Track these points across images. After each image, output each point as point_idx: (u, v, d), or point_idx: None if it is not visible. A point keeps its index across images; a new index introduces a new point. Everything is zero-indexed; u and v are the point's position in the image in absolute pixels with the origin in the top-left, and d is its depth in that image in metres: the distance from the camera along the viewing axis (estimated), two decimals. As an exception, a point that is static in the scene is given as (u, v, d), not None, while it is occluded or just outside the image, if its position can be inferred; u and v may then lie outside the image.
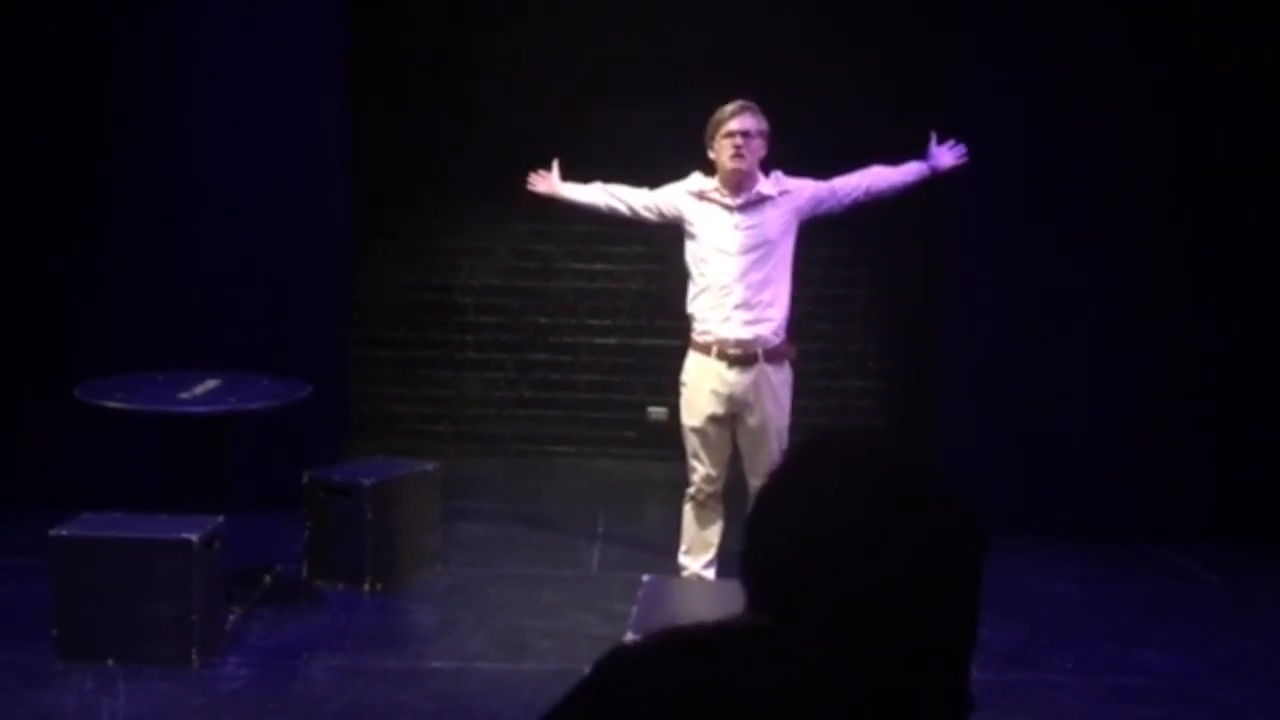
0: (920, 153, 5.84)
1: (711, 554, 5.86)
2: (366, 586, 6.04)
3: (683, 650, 1.26)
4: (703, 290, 5.67)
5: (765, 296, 5.61)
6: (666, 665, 1.25)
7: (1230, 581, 6.67)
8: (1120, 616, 6.13)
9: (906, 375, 8.34)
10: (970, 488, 1.39)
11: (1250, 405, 7.22)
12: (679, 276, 6.02)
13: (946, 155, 5.84)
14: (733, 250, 5.61)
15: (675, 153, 5.99)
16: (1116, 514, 7.17)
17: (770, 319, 5.63)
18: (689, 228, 5.72)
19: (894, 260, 8.27)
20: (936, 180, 5.91)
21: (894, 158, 5.87)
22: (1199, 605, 6.35)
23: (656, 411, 8.34)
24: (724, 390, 5.65)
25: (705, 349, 5.68)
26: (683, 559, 5.91)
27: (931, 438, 7.45)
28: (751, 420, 5.67)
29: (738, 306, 5.60)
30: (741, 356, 5.63)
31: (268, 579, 6.17)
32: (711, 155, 5.68)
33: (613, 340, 8.57)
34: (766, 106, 5.68)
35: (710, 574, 5.83)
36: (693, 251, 5.72)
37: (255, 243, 7.17)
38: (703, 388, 5.70)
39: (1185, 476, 7.22)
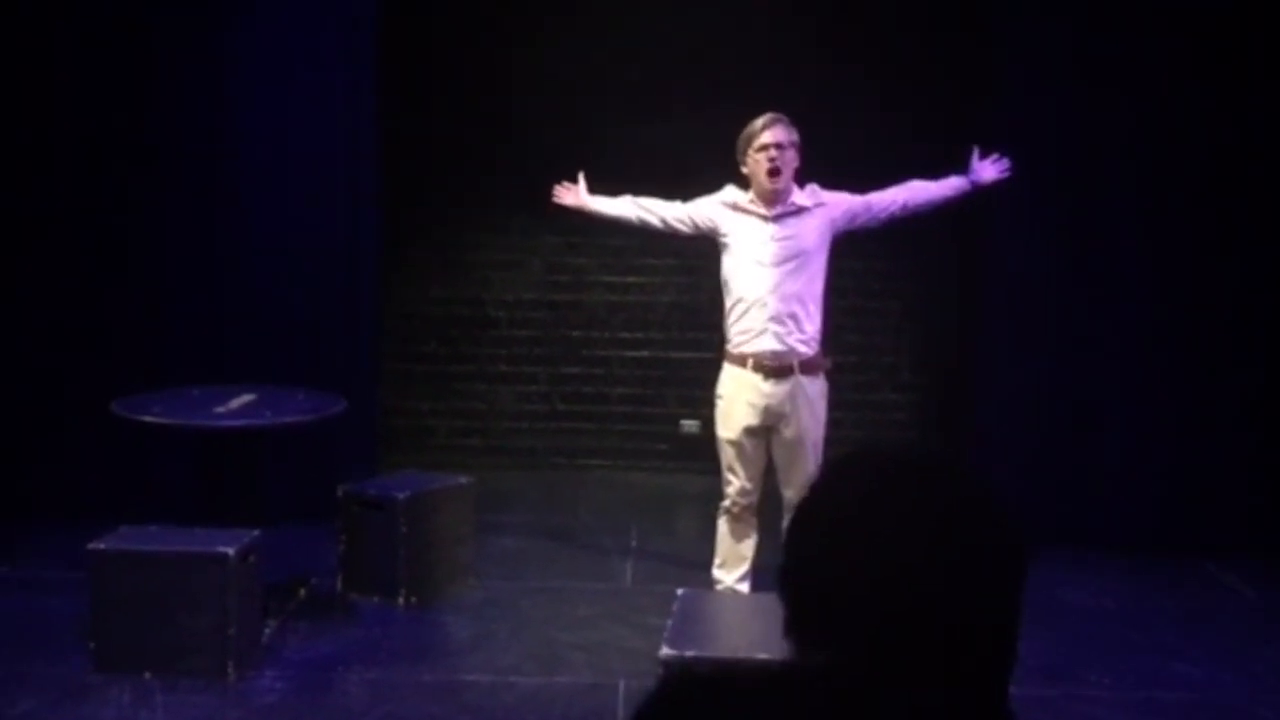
0: (961, 166, 5.79)
1: (745, 567, 5.83)
2: (401, 600, 6.06)
3: (737, 686, 1.25)
4: (738, 302, 5.66)
5: (800, 309, 5.59)
6: (724, 699, 1.24)
7: (1269, 595, 6.61)
8: (1158, 630, 6.08)
9: (941, 387, 8.31)
10: (1005, 500, 1.38)
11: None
12: (711, 289, 6.01)
13: (989, 169, 5.79)
14: (768, 261, 5.59)
15: (707, 165, 5.98)
16: (1153, 527, 7.12)
17: (805, 331, 5.62)
18: (723, 239, 5.71)
19: (927, 272, 8.25)
20: (976, 195, 5.88)
21: (925, 170, 5.84)
22: (1237, 619, 6.29)
23: (689, 424, 8.35)
24: (760, 402, 5.64)
25: (741, 361, 5.66)
26: (716, 572, 5.89)
27: (966, 450, 7.42)
28: (787, 432, 5.66)
29: (773, 318, 5.58)
30: (777, 368, 5.61)
31: (303, 592, 6.19)
32: (744, 170, 5.66)
33: (645, 353, 8.58)
34: (797, 119, 5.67)
35: (744, 588, 5.80)
36: (728, 264, 5.71)
37: (289, 257, 7.21)
38: (739, 400, 5.68)
39: (1223, 489, 7.16)
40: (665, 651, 4.23)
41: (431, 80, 8.26)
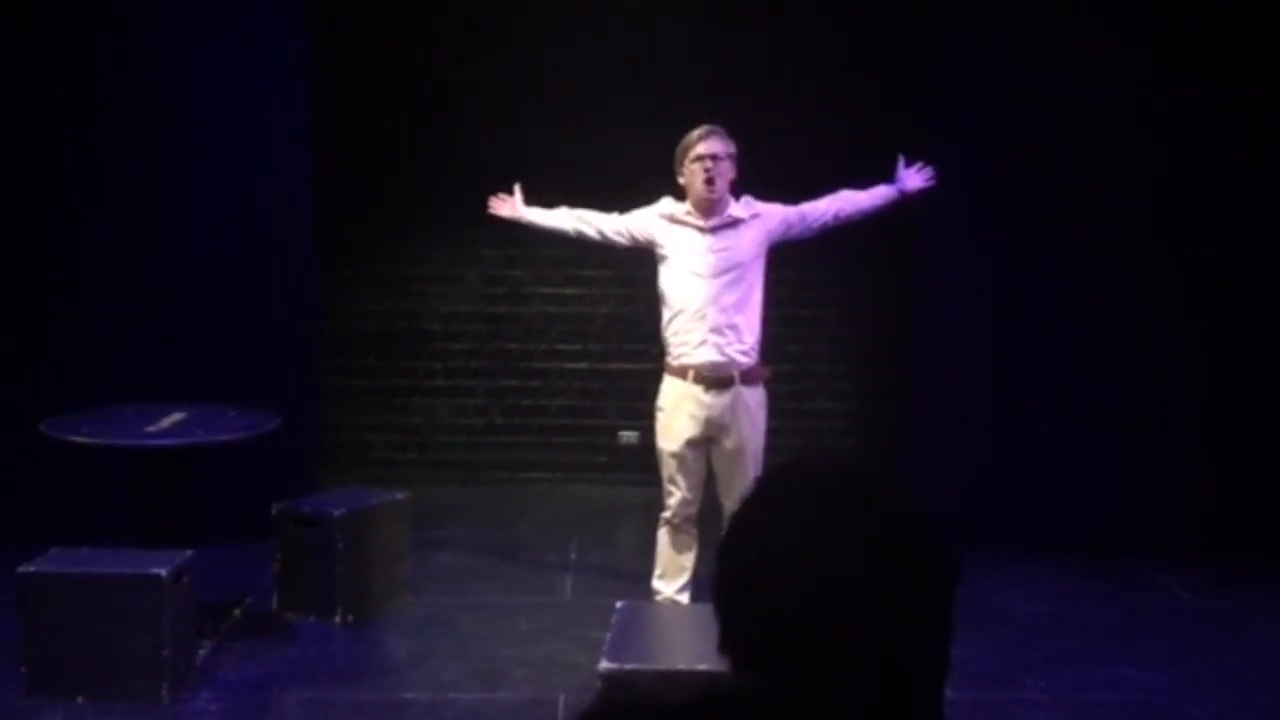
0: (888, 176, 5.87)
1: (685, 578, 5.84)
2: (338, 618, 6.00)
3: (671, 707, 1.24)
4: (677, 314, 5.67)
5: (739, 319, 5.62)
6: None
7: (1205, 597, 6.67)
8: (1093, 633, 6.13)
9: (877, 394, 8.35)
10: (942, 504, 1.39)
11: (1225, 421, 7.24)
12: (648, 300, 6.01)
13: (914, 178, 5.88)
14: (705, 273, 5.61)
15: (644, 177, 5.99)
16: (1089, 530, 7.19)
17: (745, 341, 5.65)
18: (661, 251, 5.72)
19: (862, 280, 8.29)
20: (904, 203, 5.95)
21: (861, 179, 5.90)
22: (1174, 621, 6.35)
23: (628, 435, 8.33)
24: (701, 414, 5.65)
25: (681, 373, 5.67)
26: (656, 583, 5.89)
27: (903, 456, 7.46)
28: (728, 443, 5.67)
29: (712, 330, 5.60)
30: (718, 380, 5.62)
31: (238, 612, 6.12)
32: (681, 180, 5.69)
33: (583, 365, 8.56)
34: (733, 130, 5.70)
35: (684, 598, 5.81)
36: (665, 276, 5.72)
37: (223, 273, 7.14)
38: (680, 411, 5.69)
39: (1159, 492, 7.24)
40: (605, 665, 4.21)
41: (366, 94, 8.20)
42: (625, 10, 8.06)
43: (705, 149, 5.59)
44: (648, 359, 6.69)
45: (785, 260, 6.23)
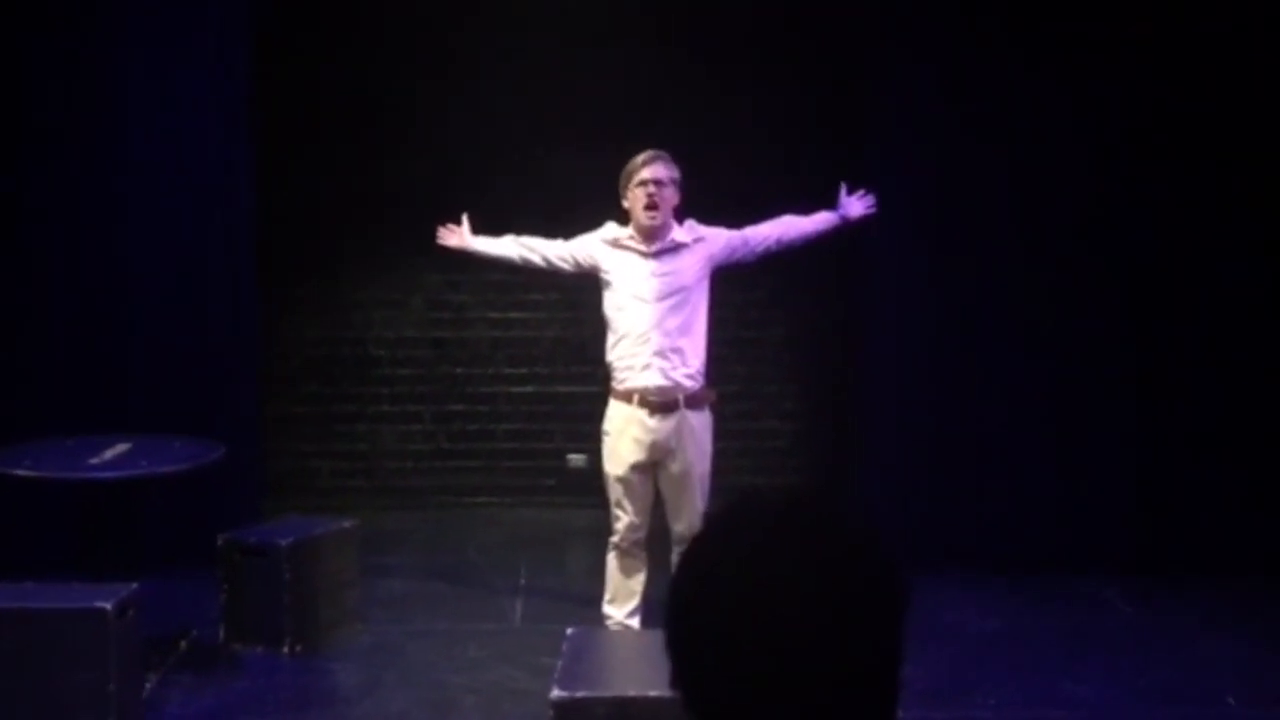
0: (830, 202, 5.93)
1: (636, 602, 5.84)
2: (286, 648, 5.95)
3: None
4: (621, 338, 5.69)
5: (684, 343, 5.65)
6: None
7: (1149, 612, 6.74)
8: (1041, 649, 6.18)
9: (823, 415, 8.39)
10: (890, 524, 1.42)
11: (1167, 437, 7.33)
12: (594, 323, 6.03)
13: (856, 205, 5.94)
14: (649, 297, 5.64)
15: (589, 203, 6.01)
16: (1036, 548, 7.24)
17: (690, 365, 5.67)
18: (605, 276, 5.74)
19: (808, 301, 8.33)
20: (846, 229, 6.00)
21: (805, 205, 5.95)
22: (1119, 636, 6.41)
23: (576, 458, 8.32)
24: (646, 438, 5.66)
25: (626, 397, 5.68)
26: (607, 608, 5.88)
27: (850, 475, 7.50)
28: (674, 466, 5.69)
29: (657, 354, 5.62)
30: (663, 404, 5.64)
31: (184, 644, 6.05)
32: (625, 204, 5.72)
33: (530, 388, 8.56)
34: (678, 155, 5.73)
35: (635, 623, 5.81)
36: (610, 300, 5.74)
37: (164, 302, 7.09)
38: (625, 436, 5.70)
39: (1104, 509, 7.31)
40: (556, 693, 4.20)
41: (308, 119, 8.18)
42: (569, 36, 8.08)
43: (649, 174, 5.62)
44: (594, 382, 6.69)
45: (731, 282, 6.27)
